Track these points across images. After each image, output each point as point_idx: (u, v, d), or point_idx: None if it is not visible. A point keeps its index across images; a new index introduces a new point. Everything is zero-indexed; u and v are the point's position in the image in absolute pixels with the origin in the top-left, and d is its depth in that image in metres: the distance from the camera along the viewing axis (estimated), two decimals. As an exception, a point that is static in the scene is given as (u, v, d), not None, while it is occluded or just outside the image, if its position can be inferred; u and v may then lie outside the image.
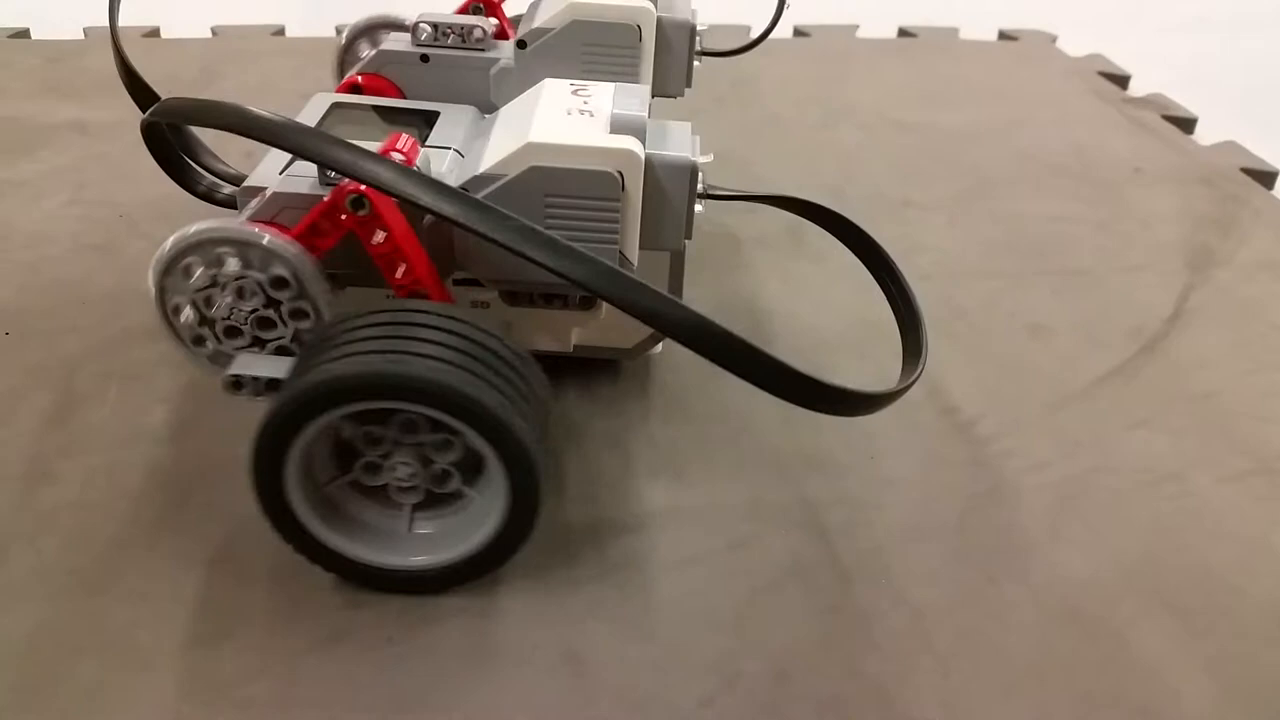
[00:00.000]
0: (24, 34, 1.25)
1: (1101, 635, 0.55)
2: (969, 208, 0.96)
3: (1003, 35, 1.40)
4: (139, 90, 0.68)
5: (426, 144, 0.61)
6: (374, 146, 0.51)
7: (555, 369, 0.69)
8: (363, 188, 0.52)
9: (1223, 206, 0.98)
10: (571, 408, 0.69)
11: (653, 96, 0.74)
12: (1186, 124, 1.16)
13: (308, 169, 0.56)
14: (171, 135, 0.66)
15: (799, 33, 1.37)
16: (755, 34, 0.92)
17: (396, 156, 0.53)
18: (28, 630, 0.52)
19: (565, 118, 0.57)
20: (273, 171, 0.59)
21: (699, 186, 0.59)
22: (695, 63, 0.79)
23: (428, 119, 0.65)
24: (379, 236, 0.54)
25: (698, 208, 0.59)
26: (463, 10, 0.80)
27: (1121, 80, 1.27)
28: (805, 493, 0.63)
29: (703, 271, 0.83)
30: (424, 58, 0.71)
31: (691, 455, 0.66)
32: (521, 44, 0.71)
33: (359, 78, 0.72)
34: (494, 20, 0.75)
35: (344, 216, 0.53)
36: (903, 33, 1.38)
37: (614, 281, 0.47)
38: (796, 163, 1.03)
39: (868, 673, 0.53)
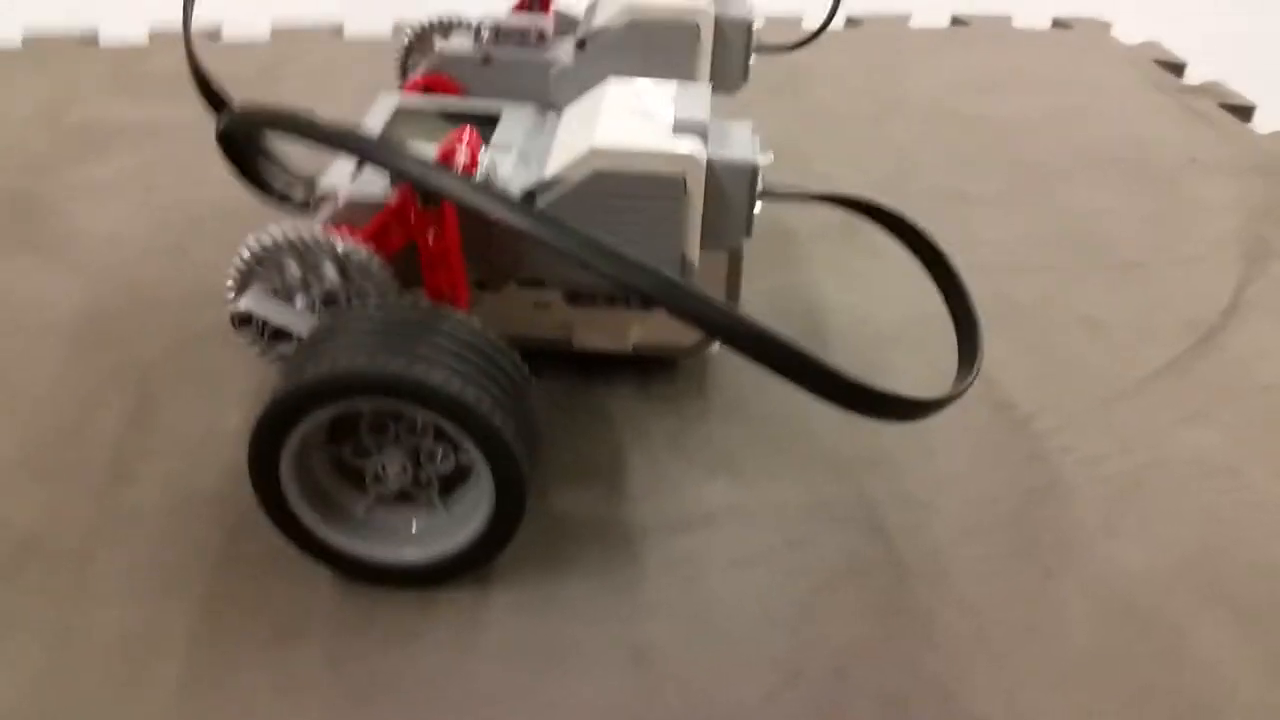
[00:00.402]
0: (92, 38, 1.27)
1: (1158, 630, 0.56)
2: (1024, 200, 0.96)
3: (1056, 23, 1.39)
4: (210, 95, 0.70)
5: (490, 144, 0.63)
6: (436, 145, 0.53)
7: (614, 367, 0.71)
8: None
9: (1280, 196, 0.97)
10: (630, 406, 0.70)
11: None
12: (1244, 112, 1.15)
13: (378, 171, 0.58)
14: (244, 140, 0.68)
15: (851, 22, 1.37)
16: (806, 25, 0.92)
17: (460, 156, 0.54)
18: (116, 631, 0.55)
19: (628, 120, 0.58)
20: (344, 174, 0.61)
21: (758, 186, 0.60)
22: (751, 58, 0.80)
23: (490, 119, 0.66)
24: (431, 236, 0.55)
25: (757, 207, 0.60)
26: (520, 8, 0.81)
27: (1177, 68, 1.26)
28: (863, 491, 0.64)
29: (757, 265, 0.83)
30: (485, 59, 0.73)
31: (749, 453, 0.67)
32: (581, 44, 0.73)
33: (423, 79, 0.74)
34: (550, 18, 0.76)
35: (414, 211, 0.55)
36: (955, 21, 1.38)
37: (675, 293, 0.48)
38: (852, 156, 1.03)
39: (927, 670, 0.54)
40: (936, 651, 0.55)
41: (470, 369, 0.51)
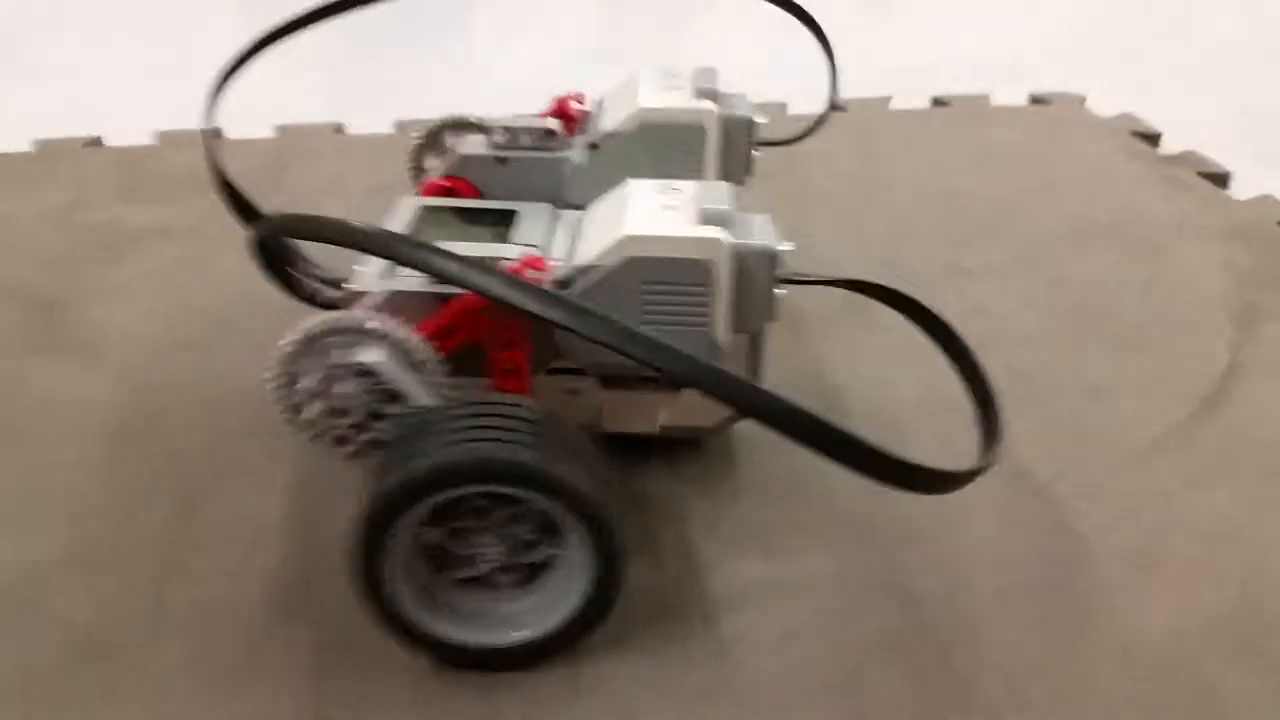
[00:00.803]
0: (97, 141, 1.30)
1: (1190, 689, 0.58)
2: (1020, 273, 0.99)
3: (1034, 99, 1.44)
4: (238, 202, 0.73)
5: (510, 242, 0.66)
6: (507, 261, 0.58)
7: (642, 450, 0.73)
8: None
9: (1265, 261, 1.01)
10: (662, 487, 0.72)
11: None
12: (1220, 179, 1.19)
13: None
14: (276, 246, 0.70)
15: (833, 106, 1.41)
16: (792, 111, 0.96)
17: (530, 275, 0.58)
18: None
19: (657, 212, 0.62)
20: (373, 273, 0.63)
21: (780, 271, 0.63)
22: (755, 153, 0.83)
23: (506, 218, 0.69)
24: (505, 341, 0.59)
25: (780, 291, 0.63)
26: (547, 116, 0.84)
27: (1153, 139, 1.31)
28: (894, 561, 0.67)
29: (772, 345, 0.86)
30: (500, 160, 0.76)
31: (779, 528, 0.69)
32: (593, 146, 0.76)
33: (441, 181, 0.76)
34: (558, 121, 0.79)
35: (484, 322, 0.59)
36: (936, 102, 1.43)
37: (711, 376, 0.50)
38: (850, 235, 1.07)
39: (971, 735, 0.56)
40: (975, 717, 0.57)
41: (574, 457, 0.54)
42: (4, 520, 0.70)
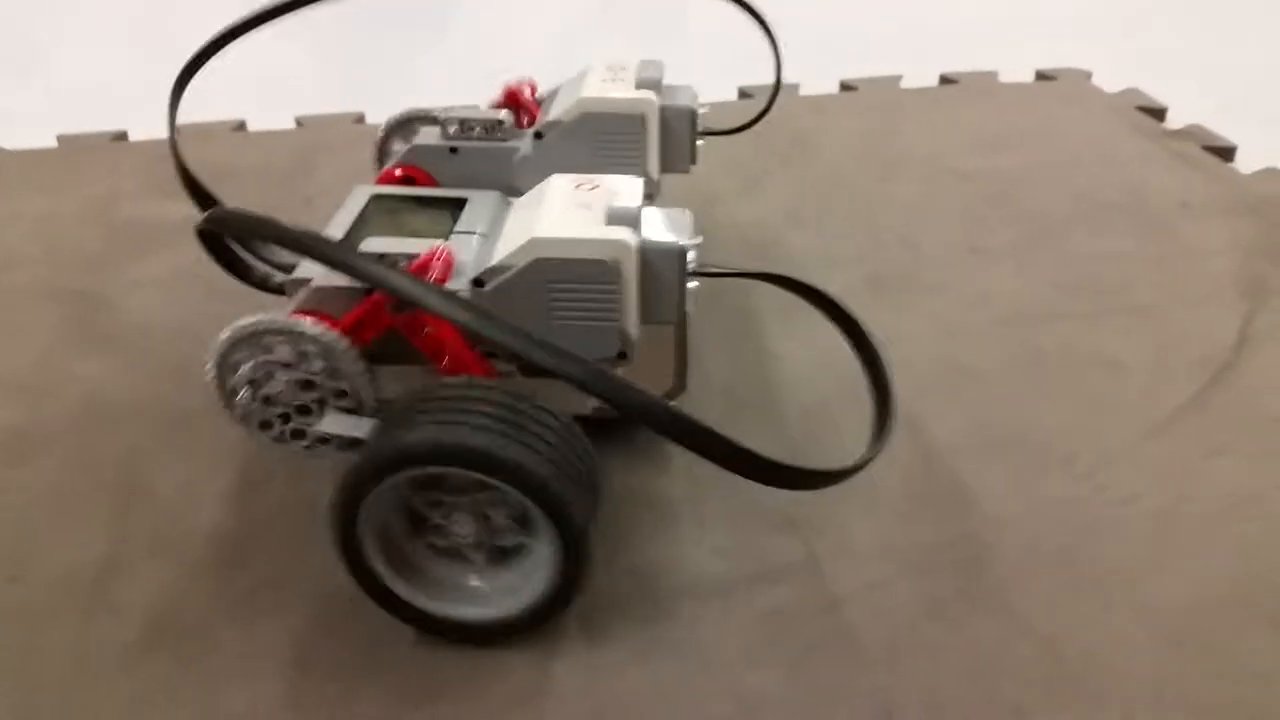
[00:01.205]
0: (122, 136, 1.32)
1: (1211, 652, 0.61)
2: (1033, 251, 1.02)
3: (1040, 75, 1.46)
4: (196, 192, 0.76)
5: (455, 229, 0.69)
6: (414, 243, 0.63)
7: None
8: None
9: (1270, 234, 1.04)
10: (674, 481, 0.75)
11: (660, 174, 0.82)
12: (1226, 153, 1.22)
13: None
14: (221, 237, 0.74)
15: (845, 87, 1.43)
16: (804, 91, 0.98)
17: (434, 271, 0.62)
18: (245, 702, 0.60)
19: (567, 213, 0.64)
20: (316, 265, 0.66)
21: (690, 266, 0.65)
22: (699, 142, 0.86)
23: (456, 205, 0.73)
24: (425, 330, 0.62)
25: (692, 284, 0.66)
26: (499, 106, 0.88)
27: (1158, 113, 1.33)
28: (926, 535, 0.70)
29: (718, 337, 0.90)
30: (453, 150, 0.80)
31: (817, 505, 0.72)
32: (539, 135, 0.80)
33: (397, 170, 0.81)
34: (509, 113, 0.82)
35: (390, 315, 0.62)
36: (944, 80, 1.45)
37: (601, 380, 0.54)
38: (864, 215, 1.09)
39: (1008, 699, 0.59)
40: (1015, 679, 0.60)
41: (540, 447, 0.57)
42: (64, 512, 0.73)
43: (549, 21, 1.78)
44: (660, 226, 0.66)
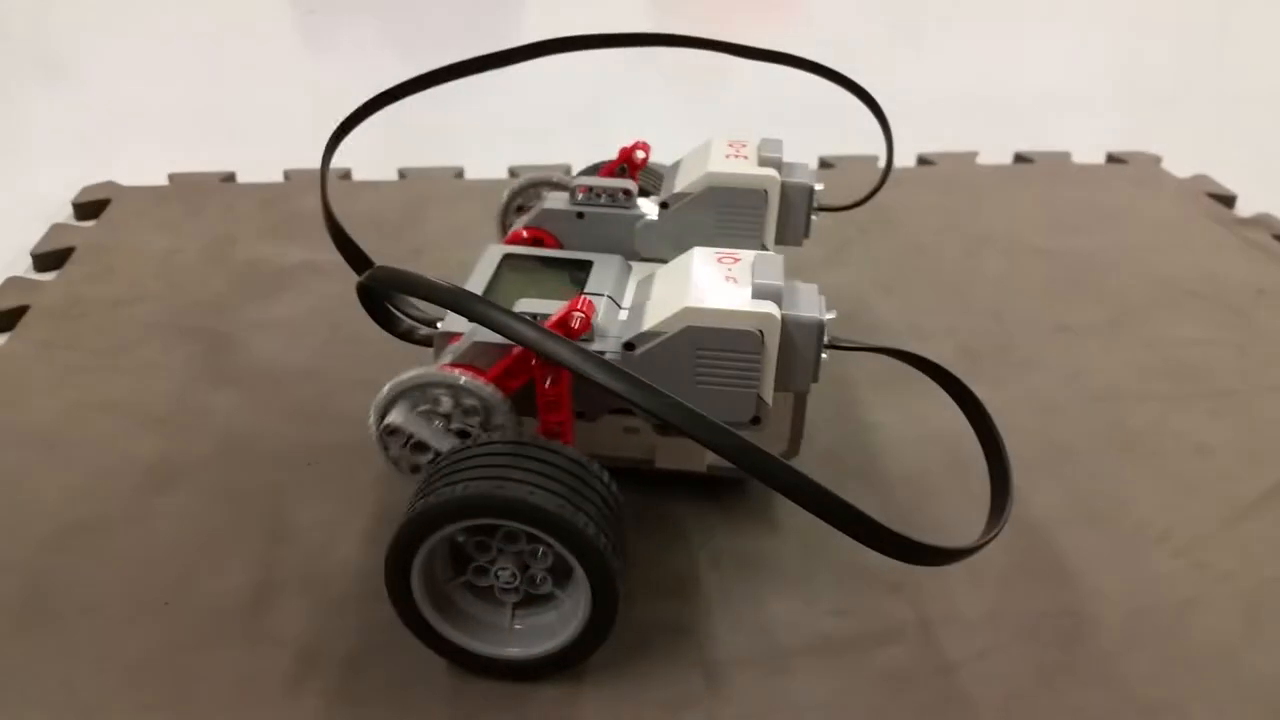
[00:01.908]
0: (230, 177, 1.38)
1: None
2: (1119, 332, 1.06)
3: (1111, 158, 1.50)
4: (349, 251, 0.81)
5: (585, 290, 0.75)
6: (557, 305, 0.68)
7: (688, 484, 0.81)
8: None
9: (1347, 324, 1.08)
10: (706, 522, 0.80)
11: (775, 246, 0.87)
12: (1297, 242, 1.26)
13: None
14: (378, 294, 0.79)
15: (923, 161, 1.48)
16: (879, 165, 1.03)
17: (575, 322, 0.67)
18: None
19: (716, 284, 0.69)
20: (461, 319, 0.71)
21: (824, 338, 0.70)
22: (814, 217, 0.91)
23: (582, 267, 0.79)
24: (549, 381, 0.67)
25: (824, 356, 0.71)
26: (608, 172, 0.95)
27: (1228, 200, 1.37)
28: (1031, 605, 0.73)
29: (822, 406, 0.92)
30: (579, 215, 0.86)
31: (924, 571, 0.75)
32: (664, 205, 0.85)
33: (524, 231, 0.86)
34: (634, 182, 0.88)
35: (534, 362, 0.68)
36: (1019, 158, 1.50)
37: (742, 451, 0.56)
38: (949, 291, 1.13)
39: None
40: (1125, 748, 0.63)
41: (578, 496, 0.61)
42: (212, 541, 0.78)
43: (579, 92, 1.84)
44: (797, 300, 0.70)
